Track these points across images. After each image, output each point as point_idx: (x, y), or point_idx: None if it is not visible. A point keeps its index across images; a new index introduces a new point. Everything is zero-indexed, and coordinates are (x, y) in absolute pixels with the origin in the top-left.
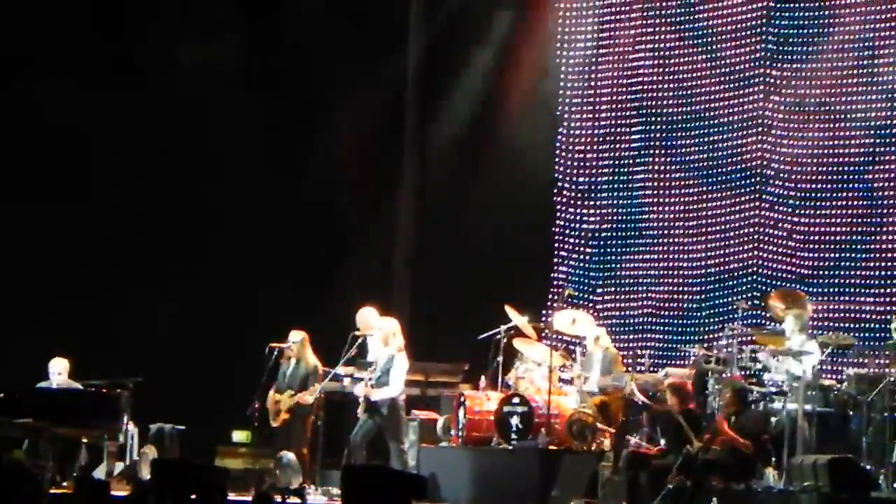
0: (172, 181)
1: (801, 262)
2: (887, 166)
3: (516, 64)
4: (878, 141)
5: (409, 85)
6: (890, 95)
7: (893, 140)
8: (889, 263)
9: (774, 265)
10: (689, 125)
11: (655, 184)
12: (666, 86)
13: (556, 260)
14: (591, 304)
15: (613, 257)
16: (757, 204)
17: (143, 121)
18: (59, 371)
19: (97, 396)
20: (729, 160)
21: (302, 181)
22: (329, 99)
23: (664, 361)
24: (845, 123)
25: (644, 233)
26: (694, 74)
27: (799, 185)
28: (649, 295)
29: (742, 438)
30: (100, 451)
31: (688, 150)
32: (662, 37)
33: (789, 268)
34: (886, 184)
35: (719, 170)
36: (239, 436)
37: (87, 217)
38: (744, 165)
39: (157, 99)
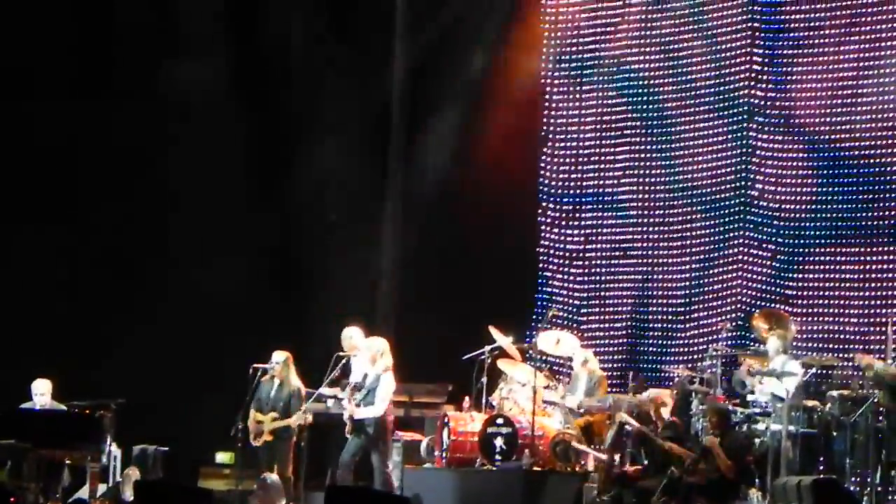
0: (156, 201)
1: (785, 283)
2: (871, 187)
3: (502, 83)
4: (861, 162)
5: (394, 103)
6: (874, 116)
7: (877, 161)
8: (872, 284)
9: (759, 285)
10: (673, 145)
11: (640, 204)
12: (651, 106)
13: (540, 280)
14: (575, 325)
15: (598, 277)
16: (741, 224)
17: (128, 140)
18: (42, 392)
19: (80, 418)
20: (713, 180)
21: (286, 200)
22: (314, 116)
23: (648, 382)
24: (830, 144)
25: (629, 253)
26: (678, 94)
27: (783, 206)
28: (633, 315)
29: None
30: (83, 473)
31: (672, 170)
32: (647, 57)
33: (773, 288)
34: (870, 205)
35: (704, 190)
36: (222, 457)
37: (70, 238)
38: (728, 186)
39: (141, 117)
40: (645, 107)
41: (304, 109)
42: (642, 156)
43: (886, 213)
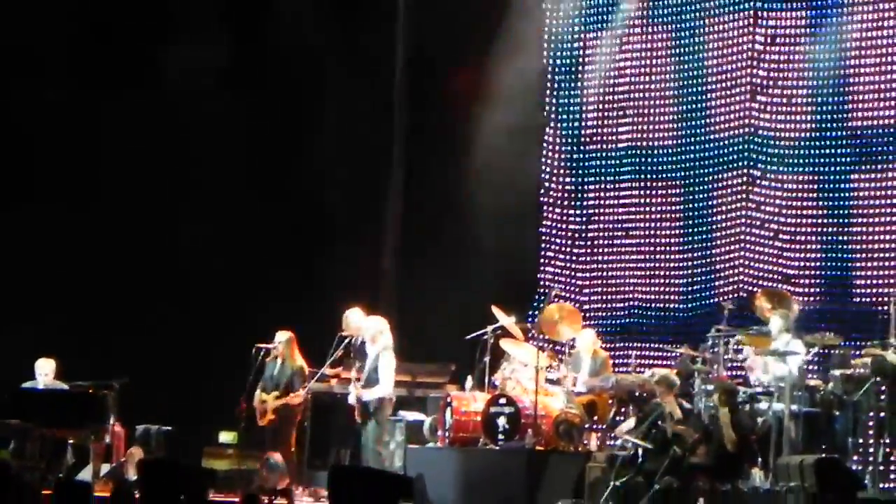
0: (160, 184)
1: (788, 263)
2: (874, 167)
3: (504, 65)
4: (864, 141)
5: (397, 86)
6: (876, 95)
7: (880, 140)
8: (875, 264)
9: (761, 265)
10: (675, 125)
11: (642, 184)
12: (653, 86)
13: (542, 260)
14: (577, 305)
15: (600, 257)
16: (743, 204)
17: (131, 125)
18: (45, 372)
19: (83, 397)
20: (715, 160)
21: (289, 182)
22: (317, 100)
23: (650, 362)
24: (832, 124)
25: (631, 233)
26: (681, 74)
27: (785, 186)
28: (635, 295)
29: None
30: (86, 452)
31: (674, 150)
32: (650, 37)
33: (775, 268)
34: (872, 184)
35: (706, 170)
36: (225, 437)
37: (74, 218)
38: (730, 165)
39: (142, 103)
40: (647, 86)
41: (309, 97)
42: (644, 135)
43: (889, 192)
